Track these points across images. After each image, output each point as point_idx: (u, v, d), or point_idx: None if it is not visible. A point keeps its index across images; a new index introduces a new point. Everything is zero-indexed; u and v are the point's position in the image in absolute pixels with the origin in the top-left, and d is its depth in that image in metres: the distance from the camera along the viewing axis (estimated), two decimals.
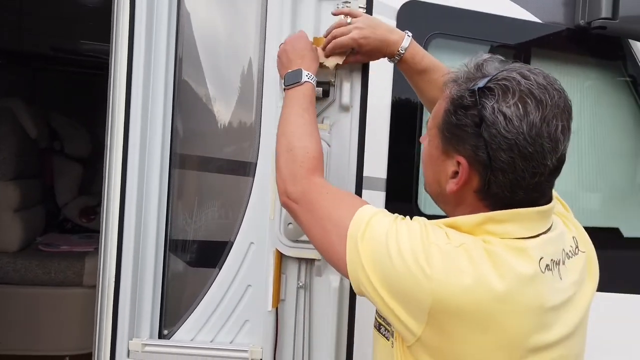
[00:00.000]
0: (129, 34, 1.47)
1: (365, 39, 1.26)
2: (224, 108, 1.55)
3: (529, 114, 0.82)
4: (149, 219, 1.48)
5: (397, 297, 0.86)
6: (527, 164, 0.83)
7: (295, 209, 1.07)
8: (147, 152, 1.48)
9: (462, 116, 0.87)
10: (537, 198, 0.88)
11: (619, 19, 1.97)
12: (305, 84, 1.19)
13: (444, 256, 0.83)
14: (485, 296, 0.81)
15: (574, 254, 0.95)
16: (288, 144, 1.12)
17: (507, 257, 0.83)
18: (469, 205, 0.91)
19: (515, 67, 0.88)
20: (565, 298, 0.89)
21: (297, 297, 1.41)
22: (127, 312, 1.44)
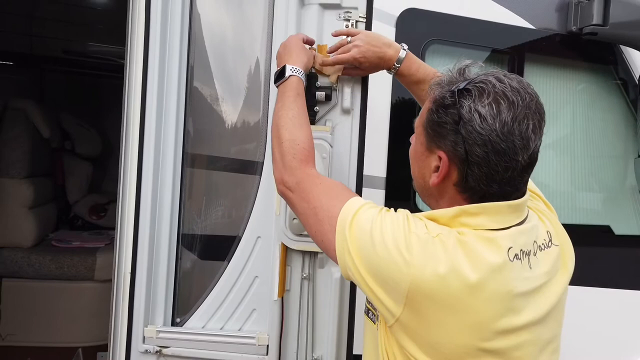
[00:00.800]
0: (144, 37, 1.56)
1: (364, 57, 1.37)
2: (232, 110, 1.65)
3: (501, 113, 0.90)
4: (162, 216, 1.58)
5: (379, 280, 0.94)
6: (500, 159, 0.91)
7: (291, 197, 1.16)
8: (161, 152, 1.57)
9: (442, 114, 0.95)
10: (510, 192, 0.96)
11: (609, 25, 2.03)
12: (290, 78, 1.28)
13: (422, 245, 0.91)
14: (458, 284, 0.89)
15: (547, 246, 1.02)
16: (280, 137, 1.21)
17: (477, 247, 0.91)
18: (450, 197, 1.00)
19: (493, 72, 0.96)
20: (535, 286, 0.96)
21: (302, 288, 1.51)
22: (142, 301, 1.54)
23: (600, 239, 2.26)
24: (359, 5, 1.51)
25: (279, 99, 1.28)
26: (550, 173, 2.26)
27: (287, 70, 1.28)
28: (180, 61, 1.60)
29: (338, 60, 1.40)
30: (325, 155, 1.46)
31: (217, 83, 1.66)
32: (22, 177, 3.03)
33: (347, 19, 1.51)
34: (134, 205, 1.56)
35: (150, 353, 1.54)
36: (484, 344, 0.91)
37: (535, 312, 0.96)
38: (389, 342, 1.00)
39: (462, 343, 0.91)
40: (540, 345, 0.98)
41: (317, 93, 1.48)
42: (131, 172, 1.58)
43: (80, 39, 3.98)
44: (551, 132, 2.27)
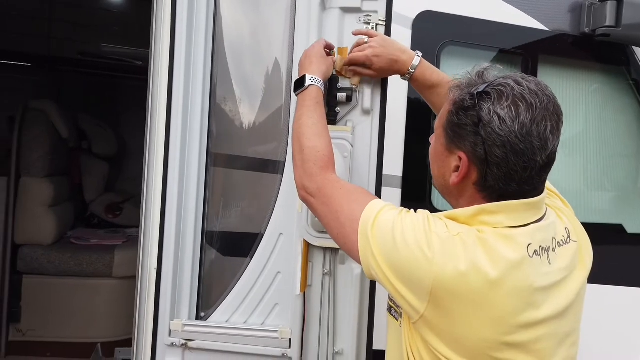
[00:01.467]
0: (170, 39, 1.60)
1: (377, 57, 1.41)
2: (254, 111, 1.69)
3: (520, 115, 0.94)
4: (188, 213, 1.62)
5: (403, 279, 0.98)
6: (519, 159, 0.95)
7: (313, 202, 1.21)
8: (187, 152, 1.62)
9: (462, 116, 0.99)
10: (528, 191, 1.00)
11: (622, 26, 2.07)
12: (310, 88, 1.33)
13: (443, 243, 0.96)
14: (478, 280, 0.93)
15: (565, 242, 1.06)
16: (301, 145, 1.26)
17: (496, 244, 0.95)
18: (469, 196, 1.04)
19: (511, 75, 1.00)
20: (554, 281, 1.00)
21: (323, 283, 1.55)
22: (168, 296, 1.59)
23: (613, 237, 2.29)
24: (378, 9, 1.54)
25: (299, 107, 1.33)
26: (564, 172, 2.29)
27: (307, 80, 1.33)
28: (205, 63, 1.65)
29: (352, 58, 1.44)
30: (346, 155, 1.51)
31: (239, 85, 1.70)
32: (42, 176, 3.10)
33: (367, 22, 1.55)
34: (160, 203, 1.61)
35: (176, 346, 1.59)
36: (506, 338, 0.95)
37: (554, 307, 0.99)
38: (413, 339, 1.04)
39: (484, 337, 0.95)
40: (559, 338, 1.02)
41: (339, 94, 1.52)
42: (157, 171, 1.63)
43: (96, 41, 4.05)
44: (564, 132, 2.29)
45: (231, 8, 1.69)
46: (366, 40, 1.43)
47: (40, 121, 3.17)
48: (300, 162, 1.25)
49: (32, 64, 3.99)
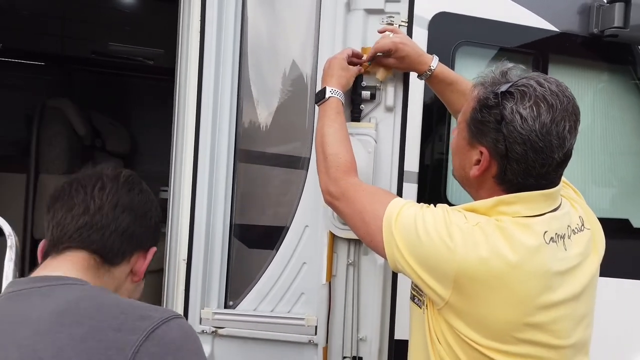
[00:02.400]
0: (199, 39, 1.67)
1: (403, 45, 1.47)
2: (280, 109, 1.76)
3: (541, 115, 1.01)
4: (217, 207, 1.70)
5: (427, 269, 1.06)
6: (538, 156, 1.02)
7: (338, 205, 1.30)
8: (216, 148, 1.69)
9: (486, 114, 1.07)
10: (545, 185, 1.07)
11: (630, 27, 2.14)
12: (330, 99, 1.42)
13: (463, 233, 1.03)
14: (499, 265, 1.00)
15: (580, 230, 1.13)
16: (324, 152, 1.35)
17: (514, 232, 1.02)
18: (489, 188, 1.11)
19: (533, 75, 1.07)
20: (570, 266, 1.07)
21: (347, 273, 1.63)
22: (199, 286, 1.66)
23: (619, 232, 2.36)
24: (400, 11, 1.61)
25: (321, 117, 1.42)
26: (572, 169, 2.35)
27: (327, 92, 1.42)
28: (233, 63, 1.72)
29: (377, 46, 1.50)
30: (370, 150, 1.58)
31: (265, 84, 1.77)
32: (60, 173, 3.17)
33: (390, 23, 1.62)
34: (189, 198, 1.68)
35: (206, 333, 1.66)
36: (527, 319, 1.03)
37: (570, 289, 1.07)
38: (437, 324, 1.11)
39: (507, 319, 1.03)
40: (575, 319, 1.09)
41: (363, 92, 1.59)
42: (186, 167, 1.70)
43: (108, 41, 4.12)
44: None
45: (258, 8, 1.76)
46: (391, 35, 1.50)
47: (57, 119, 3.24)
48: (324, 168, 1.34)
49: (45, 63, 4.06)
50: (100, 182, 0.99)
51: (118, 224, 0.98)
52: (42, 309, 0.83)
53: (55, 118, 3.22)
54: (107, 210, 0.97)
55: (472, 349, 1.05)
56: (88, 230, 0.95)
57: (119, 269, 1.00)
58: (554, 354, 1.06)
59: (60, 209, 0.97)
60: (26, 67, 4.01)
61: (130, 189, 1.02)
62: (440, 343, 1.10)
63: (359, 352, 1.62)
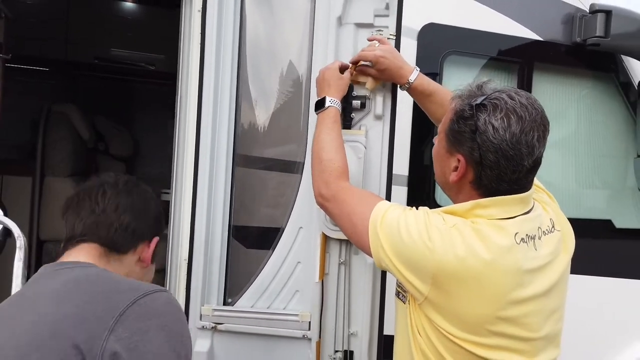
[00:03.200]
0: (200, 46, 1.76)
1: (384, 58, 1.56)
2: (276, 115, 1.85)
3: (511, 126, 1.10)
4: (216, 210, 1.79)
5: (409, 266, 1.16)
6: (509, 163, 1.12)
7: (328, 206, 1.41)
8: (215, 153, 1.78)
9: (462, 124, 1.16)
10: (517, 189, 1.17)
11: (611, 36, 2.23)
12: (329, 109, 1.52)
13: (442, 234, 1.13)
14: (475, 263, 1.10)
15: (550, 231, 1.22)
16: (320, 157, 1.46)
17: (489, 233, 1.12)
18: (466, 193, 1.21)
19: (506, 89, 1.17)
20: (540, 264, 1.16)
21: (339, 272, 1.71)
22: (199, 284, 1.76)
23: (602, 232, 2.45)
24: (389, 25, 1.71)
25: (319, 125, 1.52)
26: (557, 172, 2.45)
27: (327, 102, 1.52)
28: (232, 70, 1.81)
29: (361, 55, 1.59)
30: (360, 156, 1.67)
31: (262, 91, 1.87)
32: (65, 176, 3.27)
33: None
34: (190, 200, 1.78)
35: (206, 329, 1.76)
36: (499, 313, 1.12)
37: (540, 286, 1.16)
38: (418, 318, 1.20)
39: (482, 312, 1.12)
40: (546, 313, 1.19)
41: (354, 102, 1.68)
42: (187, 171, 1.79)
43: (111, 46, 4.22)
44: (557, 134, 2.44)
45: (255, 18, 1.85)
46: (377, 45, 1.60)
47: (62, 124, 3.33)
48: (318, 172, 1.44)
49: (50, 69, 4.16)
50: (102, 189, 1.16)
51: (120, 222, 1.14)
52: (59, 282, 1.03)
53: (60, 122, 3.32)
54: (109, 212, 1.13)
55: (449, 341, 1.14)
56: (96, 227, 1.12)
57: (127, 257, 1.17)
58: (525, 346, 1.16)
59: (72, 215, 1.16)
60: (32, 73, 4.10)
61: (129, 191, 1.18)
62: (421, 336, 1.20)
63: (350, 346, 1.71)
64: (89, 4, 3.92)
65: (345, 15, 1.73)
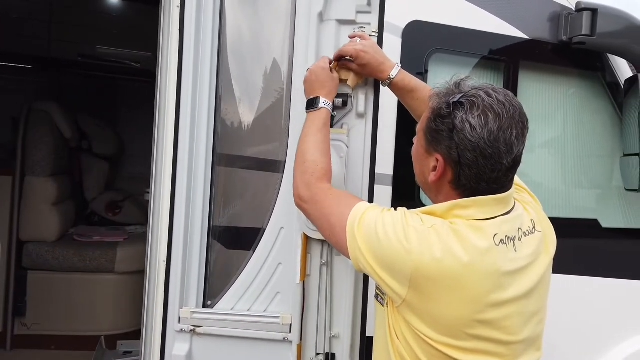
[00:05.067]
0: (179, 43, 1.72)
1: (364, 53, 1.53)
2: (257, 113, 1.82)
3: (489, 123, 1.08)
4: (195, 210, 1.74)
5: (386, 268, 1.13)
6: (487, 162, 1.09)
7: (307, 208, 1.37)
8: (194, 152, 1.74)
9: (439, 123, 1.14)
10: (496, 189, 1.14)
11: (597, 35, 2.21)
12: (322, 110, 1.48)
13: (419, 235, 1.10)
14: (452, 265, 1.07)
15: (531, 232, 1.20)
16: (303, 158, 1.42)
17: (467, 234, 1.09)
18: (446, 193, 1.18)
19: (484, 86, 1.14)
20: (520, 266, 1.14)
21: (321, 273, 1.68)
22: (178, 286, 1.72)
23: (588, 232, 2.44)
24: (371, 22, 1.68)
25: (308, 125, 1.48)
26: (543, 171, 2.43)
27: (320, 103, 1.48)
28: (211, 68, 1.76)
29: (342, 50, 1.56)
30: (342, 155, 1.64)
31: (242, 89, 1.83)
32: (46, 175, 3.21)
33: None
34: (169, 201, 1.74)
35: (185, 332, 1.72)
36: (478, 316, 1.09)
37: (520, 288, 1.13)
38: (396, 321, 1.18)
39: (459, 315, 1.10)
40: (526, 316, 1.16)
41: (335, 100, 1.65)
42: (165, 171, 1.75)
43: (95, 43, 4.15)
44: (544, 134, 2.44)
45: (235, 14, 1.81)
46: (358, 41, 1.57)
47: (44, 122, 3.27)
48: (300, 173, 1.40)
49: (32, 66, 4.09)
50: None
51: None
52: None
53: (41, 121, 3.26)
54: None
55: (427, 345, 1.11)
56: None
57: None
58: (504, 349, 1.13)
59: None
60: (13, 70, 4.03)
61: None
62: (399, 339, 1.17)
63: (332, 349, 1.68)
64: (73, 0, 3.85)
65: (327, 12, 1.69)
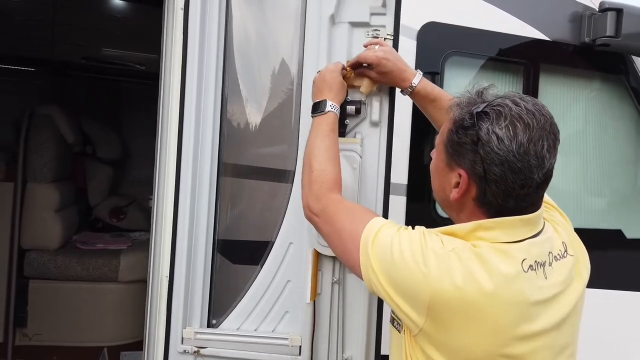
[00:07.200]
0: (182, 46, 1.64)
1: (386, 60, 1.46)
2: (265, 120, 1.73)
3: (518, 135, 0.98)
4: (200, 222, 1.66)
5: (401, 293, 1.03)
6: (516, 177, 0.99)
7: (317, 221, 1.27)
8: (199, 161, 1.65)
9: (462, 135, 1.03)
10: (525, 207, 1.03)
11: (622, 36, 2.11)
12: (328, 114, 1.39)
13: (439, 258, 0.99)
14: (475, 293, 0.96)
15: (562, 256, 1.09)
16: (311, 166, 1.32)
17: (492, 258, 0.98)
18: (469, 211, 1.08)
19: (510, 95, 1.04)
20: (550, 295, 1.03)
21: (332, 291, 1.59)
22: (181, 304, 1.63)
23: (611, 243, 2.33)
24: (386, 24, 1.58)
25: (314, 130, 1.39)
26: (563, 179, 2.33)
27: (327, 106, 1.39)
28: (217, 72, 1.68)
29: (361, 57, 1.48)
30: (355, 166, 1.55)
31: (250, 95, 1.74)
32: (48, 181, 3.13)
33: (375, 36, 1.59)
34: (172, 212, 1.64)
35: (188, 353, 1.63)
36: (503, 350, 0.98)
37: (550, 319, 1.03)
38: (413, 350, 1.07)
39: (482, 349, 0.98)
40: (556, 350, 1.05)
41: (347, 107, 1.56)
42: (168, 180, 1.66)
43: (99, 46, 4.08)
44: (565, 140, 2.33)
45: (243, 16, 1.73)
46: (377, 48, 1.48)
47: (46, 127, 3.19)
48: (308, 182, 1.31)
49: (36, 69, 4.01)
50: None
51: None
52: None
53: (44, 125, 3.18)
54: None
55: None
56: None
57: None
58: None
59: None
60: (16, 72, 3.96)
61: None
62: None
63: None
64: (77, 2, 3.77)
65: (339, 14, 1.60)
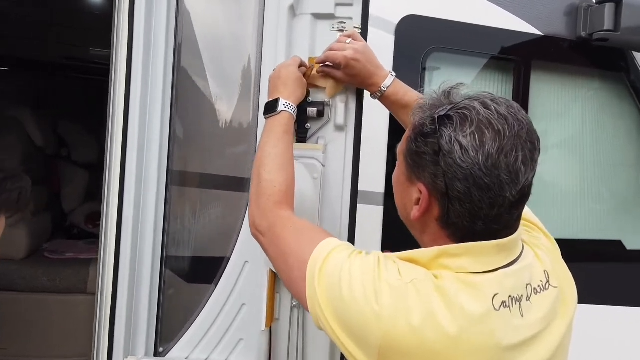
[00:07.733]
0: (128, 40, 1.51)
1: (355, 61, 1.29)
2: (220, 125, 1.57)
3: (485, 144, 0.80)
4: (145, 236, 1.50)
5: (350, 334, 0.85)
6: (484, 195, 0.81)
7: (263, 241, 1.09)
8: (144, 168, 1.50)
9: (421, 144, 0.86)
10: (498, 230, 0.86)
11: (621, 30, 1.96)
12: (282, 114, 1.21)
13: (394, 293, 0.82)
14: (434, 336, 0.79)
15: (543, 288, 0.92)
16: (259, 176, 1.14)
17: (457, 294, 0.81)
18: (432, 233, 0.90)
19: (480, 95, 0.86)
20: (529, 336, 0.86)
21: (291, 317, 1.42)
22: (122, 330, 1.46)
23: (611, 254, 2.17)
24: (353, 16, 1.41)
25: (266, 133, 1.21)
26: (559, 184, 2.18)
27: (280, 105, 1.21)
28: (165, 71, 1.53)
29: (328, 56, 1.32)
30: (316, 176, 1.37)
31: (203, 96, 1.58)
32: None
33: (341, 29, 1.42)
34: (115, 227, 1.48)
35: None
36: None
37: None
38: None
39: None
40: None
41: (309, 109, 1.39)
42: (113, 189, 1.50)
43: (77, 44, 3.93)
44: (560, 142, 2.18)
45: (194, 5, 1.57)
46: (348, 42, 1.31)
47: (11, 129, 3.04)
48: (255, 195, 1.13)
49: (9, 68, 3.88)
50: None
51: None
52: None
53: (10, 127, 3.04)
54: None
55: None
56: None
57: None
58: None
59: None
60: None
61: None
62: None
63: None
64: None
65: (300, 5, 1.44)
